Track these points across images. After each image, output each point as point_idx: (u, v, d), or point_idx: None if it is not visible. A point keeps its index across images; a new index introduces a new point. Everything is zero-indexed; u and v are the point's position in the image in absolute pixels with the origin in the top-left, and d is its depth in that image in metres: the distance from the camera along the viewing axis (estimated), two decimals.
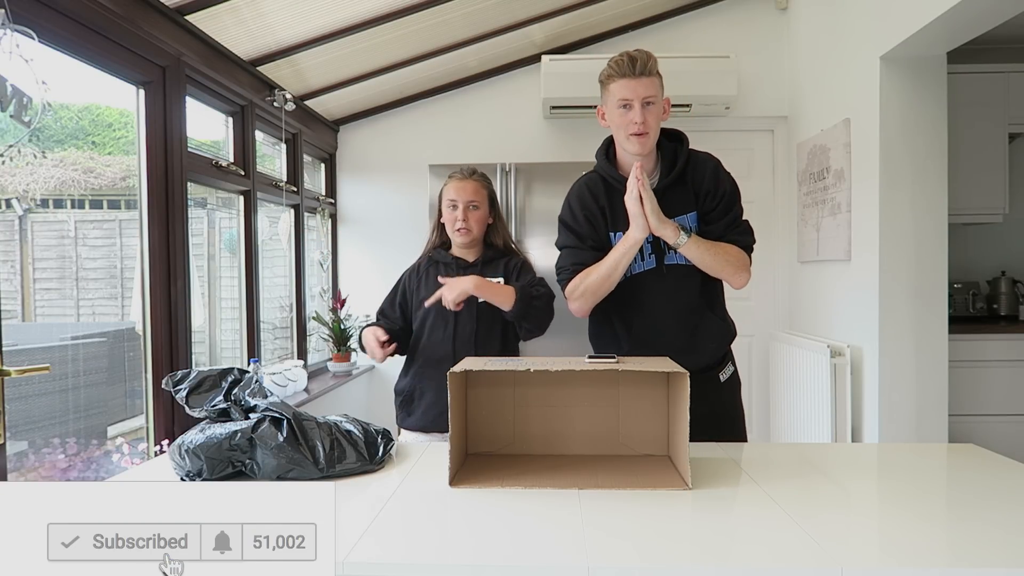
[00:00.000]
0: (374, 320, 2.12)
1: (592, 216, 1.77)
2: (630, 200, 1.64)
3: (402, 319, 2.10)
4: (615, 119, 1.69)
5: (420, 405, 2.02)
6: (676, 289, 1.75)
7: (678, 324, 1.76)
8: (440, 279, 1.93)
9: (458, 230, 2.00)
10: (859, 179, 3.07)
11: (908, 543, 1.03)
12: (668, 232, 1.66)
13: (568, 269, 1.78)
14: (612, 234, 1.78)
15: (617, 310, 1.80)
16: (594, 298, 1.76)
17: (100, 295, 2.73)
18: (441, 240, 2.11)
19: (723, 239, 1.73)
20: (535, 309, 1.93)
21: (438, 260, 2.07)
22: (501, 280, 1.99)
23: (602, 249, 1.76)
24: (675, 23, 4.02)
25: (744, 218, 1.78)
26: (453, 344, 1.98)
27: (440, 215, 2.07)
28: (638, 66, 1.63)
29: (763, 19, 4.01)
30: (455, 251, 2.08)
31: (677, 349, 1.67)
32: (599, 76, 1.73)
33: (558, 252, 1.84)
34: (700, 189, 1.74)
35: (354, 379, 3.85)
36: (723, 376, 1.83)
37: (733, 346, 1.89)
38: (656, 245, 1.75)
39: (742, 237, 1.75)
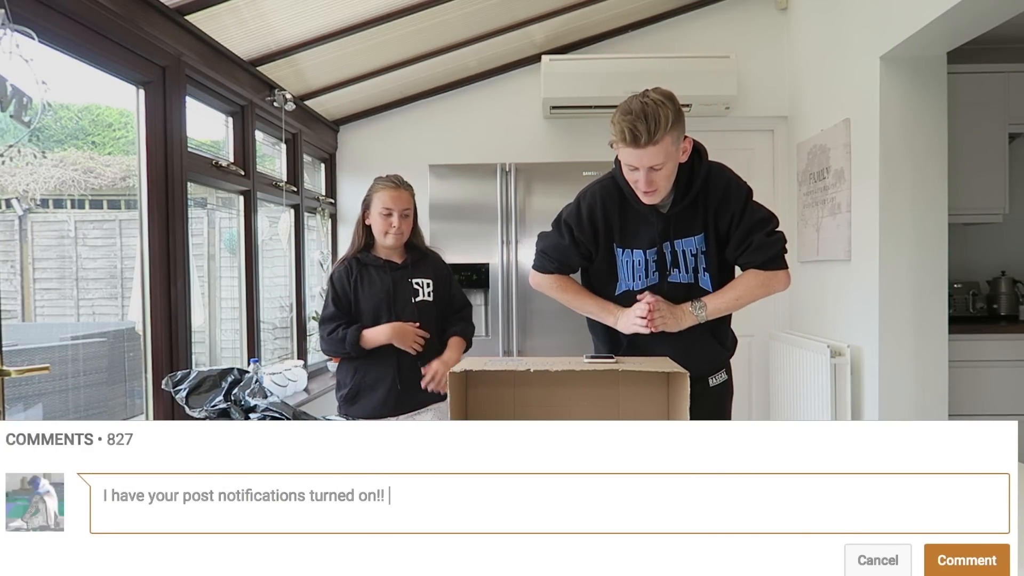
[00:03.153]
0: (335, 326, 2.19)
1: (596, 227, 1.75)
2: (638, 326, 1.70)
3: (348, 320, 2.21)
4: (626, 174, 1.67)
5: (365, 398, 2.18)
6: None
7: (673, 342, 1.71)
8: (423, 384, 2.14)
9: (392, 235, 2.16)
10: (859, 179, 3.07)
11: None
12: (688, 320, 1.70)
13: (553, 261, 1.83)
14: (620, 250, 1.75)
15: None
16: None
17: (100, 295, 2.73)
18: (365, 242, 2.23)
19: (737, 262, 1.74)
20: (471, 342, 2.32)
21: (368, 263, 2.19)
22: (431, 283, 2.21)
23: (590, 258, 1.79)
24: (675, 23, 4.02)
25: (765, 231, 1.70)
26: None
27: (364, 218, 2.21)
28: (642, 139, 1.56)
29: (763, 19, 4.00)
30: (381, 253, 2.21)
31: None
32: (609, 137, 1.67)
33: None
34: (710, 208, 1.70)
35: None
36: (712, 381, 1.80)
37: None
38: (660, 262, 1.73)
39: (755, 255, 1.70)
